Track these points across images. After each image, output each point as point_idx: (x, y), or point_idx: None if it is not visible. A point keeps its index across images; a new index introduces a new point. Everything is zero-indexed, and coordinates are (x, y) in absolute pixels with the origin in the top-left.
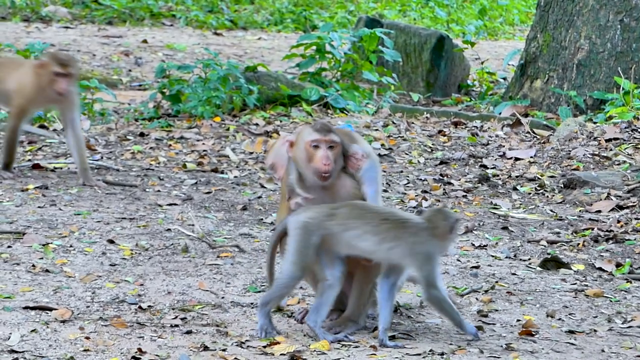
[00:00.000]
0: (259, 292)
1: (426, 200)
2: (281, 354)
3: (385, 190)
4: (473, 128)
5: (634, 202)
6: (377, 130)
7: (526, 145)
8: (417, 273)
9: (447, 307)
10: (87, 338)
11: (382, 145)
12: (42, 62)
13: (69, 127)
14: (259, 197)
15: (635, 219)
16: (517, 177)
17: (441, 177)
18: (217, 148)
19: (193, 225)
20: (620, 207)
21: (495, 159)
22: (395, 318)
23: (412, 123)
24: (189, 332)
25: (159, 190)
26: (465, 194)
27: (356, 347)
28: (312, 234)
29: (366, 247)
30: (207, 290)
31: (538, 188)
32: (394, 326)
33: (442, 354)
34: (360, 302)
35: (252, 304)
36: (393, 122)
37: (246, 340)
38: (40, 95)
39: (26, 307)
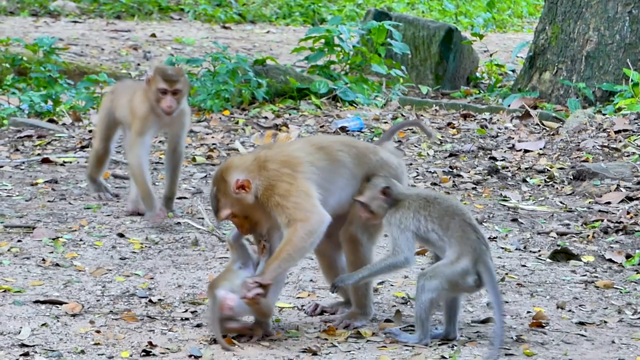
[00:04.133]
0: None
1: None
2: (292, 347)
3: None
4: (482, 120)
5: None
6: (386, 122)
7: (535, 137)
8: None
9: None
10: (98, 332)
11: None
12: (149, 78)
13: (170, 147)
14: None
15: None
16: (526, 169)
17: (450, 170)
18: (226, 141)
19: (203, 218)
20: (629, 199)
21: (505, 151)
22: (405, 310)
23: (421, 115)
24: (199, 326)
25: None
26: (474, 186)
27: (367, 340)
28: None
29: None
30: None
31: (547, 180)
32: (404, 318)
33: (453, 345)
34: (362, 293)
35: None
36: (402, 115)
37: None
38: (152, 115)
39: (37, 301)
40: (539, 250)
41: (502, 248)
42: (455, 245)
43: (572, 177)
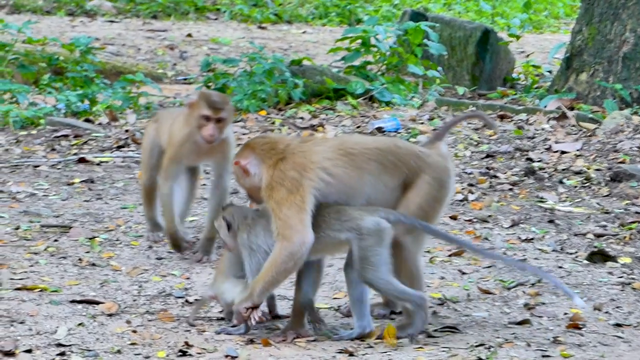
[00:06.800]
0: None
1: (472, 193)
2: (329, 347)
3: None
4: (519, 121)
5: None
6: (422, 123)
7: (572, 139)
8: None
9: None
10: (134, 332)
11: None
12: (191, 102)
13: (213, 182)
14: None
15: None
16: (563, 170)
17: (487, 171)
18: None
19: None
20: None
21: (542, 152)
22: (442, 311)
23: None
24: (235, 326)
25: (204, 184)
26: (511, 187)
27: (401, 342)
28: None
29: None
30: None
31: (584, 181)
32: (440, 320)
33: (490, 347)
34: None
35: None
36: (439, 116)
37: None
38: (189, 142)
39: (73, 301)
40: (576, 252)
41: (539, 249)
42: (356, 224)
43: (609, 179)
